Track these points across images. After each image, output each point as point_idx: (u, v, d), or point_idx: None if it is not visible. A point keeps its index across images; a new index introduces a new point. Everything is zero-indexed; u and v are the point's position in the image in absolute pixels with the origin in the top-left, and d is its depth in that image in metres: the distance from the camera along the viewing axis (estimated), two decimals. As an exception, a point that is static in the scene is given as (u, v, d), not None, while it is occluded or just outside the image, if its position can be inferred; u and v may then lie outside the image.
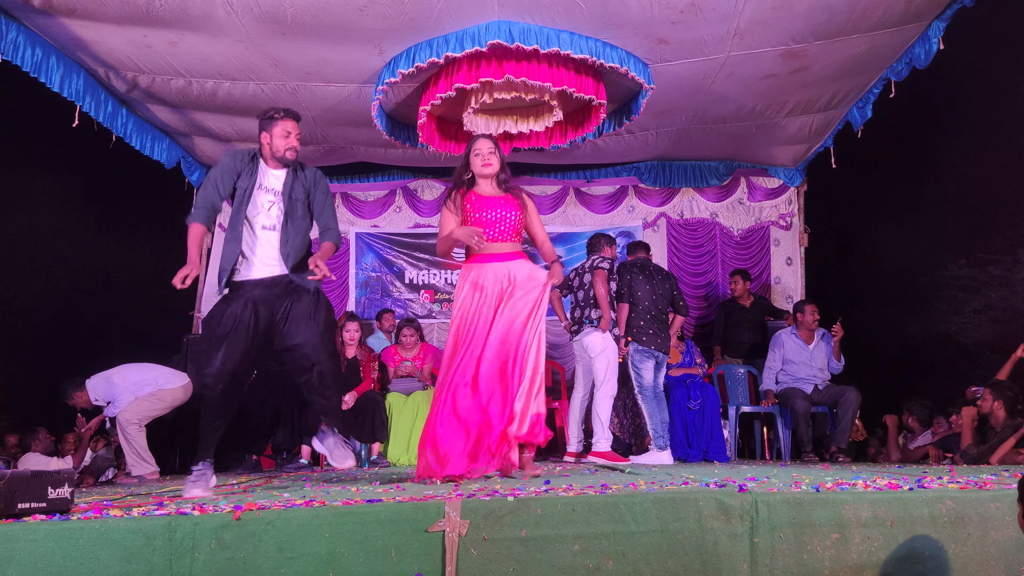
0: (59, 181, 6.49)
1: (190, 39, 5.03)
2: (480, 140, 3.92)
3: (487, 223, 3.76)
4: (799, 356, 6.11)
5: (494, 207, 3.79)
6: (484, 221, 3.76)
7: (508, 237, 3.80)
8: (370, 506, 2.45)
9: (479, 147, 3.88)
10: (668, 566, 2.37)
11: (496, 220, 3.77)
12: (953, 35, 4.94)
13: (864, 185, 7.41)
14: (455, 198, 3.87)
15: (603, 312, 5.39)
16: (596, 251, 5.70)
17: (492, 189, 3.87)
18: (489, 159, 3.84)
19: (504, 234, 3.78)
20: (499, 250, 3.78)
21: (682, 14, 4.82)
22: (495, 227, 3.76)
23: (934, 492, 2.55)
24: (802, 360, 6.10)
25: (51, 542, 2.28)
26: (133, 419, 5.37)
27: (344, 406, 5.80)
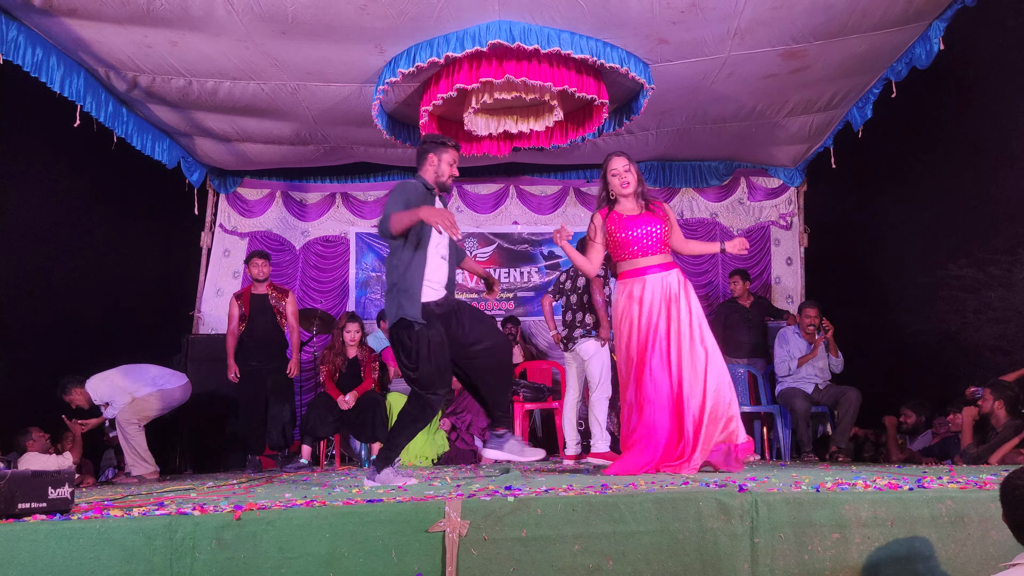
0: (59, 181, 6.48)
1: (190, 39, 5.03)
2: (614, 159, 3.96)
3: (635, 241, 3.86)
4: (801, 354, 6.12)
5: (638, 225, 3.88)
6: (632, 239, 3.86)
7: (658, 250, 3.88)
8: (370, 506, 2.45)
9: (615, 166, 3.95)
10: (668, 566, 2.38)
11: (643, 236, 3.87)
12: (953, 35, 4.94)
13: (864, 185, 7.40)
14: (596, 222, 3.98)
15: (600, 320, 5.37)
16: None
17: (633, 207, 3.94)
18: (626, 177, 3.91)
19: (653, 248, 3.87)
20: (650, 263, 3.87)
21: (683, 14, 4.82)
22: (642, 242, 3.86)
23: (934, 492, 2.55)
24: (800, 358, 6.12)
25: (51, 542, 2.28)
26: (133, 419, 5.38)
27: (344, 406, 5.81)
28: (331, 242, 8.22)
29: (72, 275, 6.55)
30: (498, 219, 8.26)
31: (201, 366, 6.57)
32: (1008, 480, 2.03)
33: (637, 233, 3.86)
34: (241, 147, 6.98)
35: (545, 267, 8.15)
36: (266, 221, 8.16)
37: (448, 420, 6.24)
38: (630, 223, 3.88)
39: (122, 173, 6.74)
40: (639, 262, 3.86)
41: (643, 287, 3.82)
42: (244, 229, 8.11)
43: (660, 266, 3.85)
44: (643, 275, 3.84)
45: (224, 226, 8.07)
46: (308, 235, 8.23)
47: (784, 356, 6.18)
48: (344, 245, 8.22)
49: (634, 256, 3.87)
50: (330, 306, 7.90)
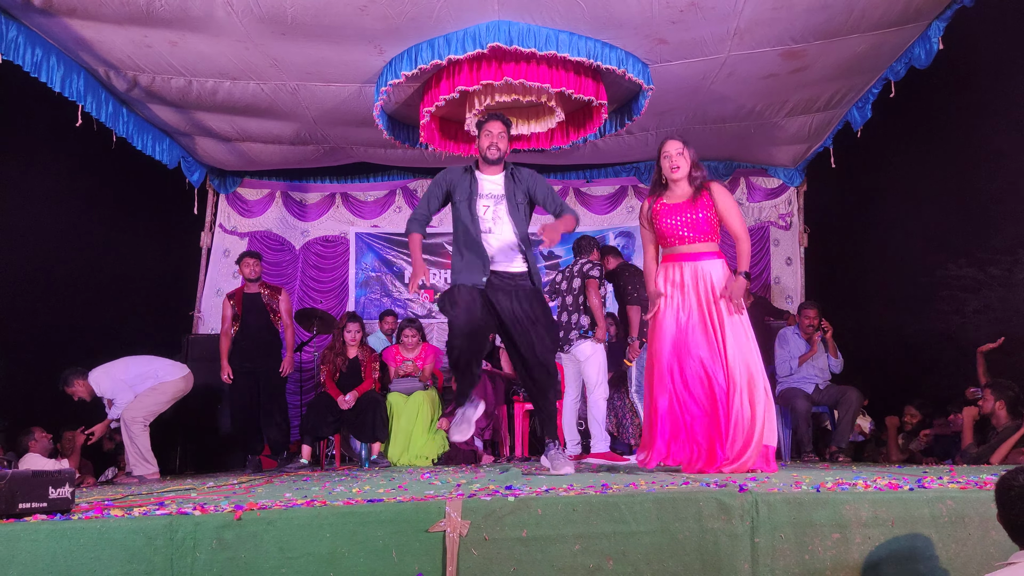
0: (60, 181, 6.48)
1: (190, 39, 5.03)
2: (668, 142, 3.84)
3: (675, 228, 3.78)
4: (801, 354, 6.13)
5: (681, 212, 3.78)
6: (672, 227, 3.79)
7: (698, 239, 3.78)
8: (371, 506, 2.45)
9: (667, 149, 3.83)
10: (669, 566, 2.37)
11: (684, 224, 3.77)
12: (953, 35, 4.94)
13: (864, 185, 7.41)
14: (643, 210, 3.91)
15: (598, 322, 5.36)
16: (584, 254, 5.66)
17: (684, 193, 3.82)
18: (677, 161, 3.79)
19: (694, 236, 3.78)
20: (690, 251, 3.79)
21: (682, 14, 4.82)
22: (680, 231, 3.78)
23: (934, 492, 2.55)
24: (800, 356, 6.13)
25: (52, 542, 2.28)
26: (139, 416, 5.36)
27: (344, 405, 5.81)
28: (331, 242, 8.22)
29: (72, 275, 6.55)
30: (498, 219, 8.24)
31: (201, 366, 6.56)
32: (1003, 480, 2.02)
33: (674, 221, 3.76)
34: (241, 147, 6.98)
35: (545, 267, 8.15)
36: (266, 221, 8.16)
37: (448, 420, 6.23)
38: (673, 210, 3.78)
39: (122, 173, 6.75)
40: (676, 248, 3.79)
41: (680, 273, 3.76)
42: (244, 229, 8.11)
43: (698, 255, 3.76)
44: (680, 261, 3.77)
45: (224, 226, 8.07)
46: (308, 235, 8.23)
47: (784, 356, 6.19)
48: (344, 245, 8.23)
49: (672, 244, 3.80)
50: (330, 306, 7.90)
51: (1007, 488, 1.99)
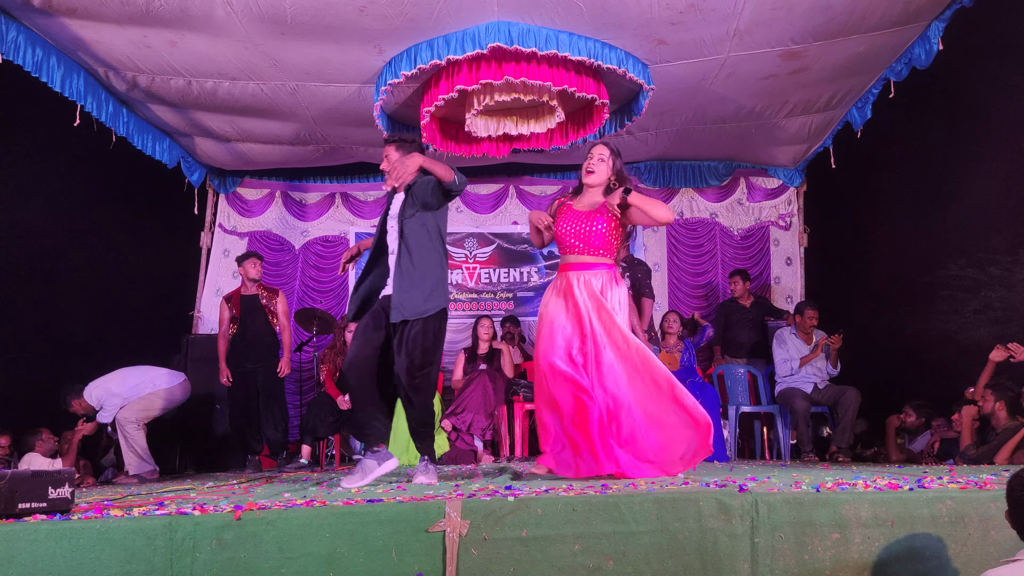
0: (59, 181, 6.48)
1: (190, 39, 5.03)
2: (597, 144, 3.81)
3: (568, 237, 3.73)
4: (800, 355, 6.13)
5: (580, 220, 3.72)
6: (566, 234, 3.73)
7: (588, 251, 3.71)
8: (370, 506, 2.45)
9: (591, 150, 3.78)
10: (668, 566, 2.38)
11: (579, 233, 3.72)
12: (953, 35, 4.94)
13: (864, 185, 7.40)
14: (552, 207, 3.86)
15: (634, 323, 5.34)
16: None
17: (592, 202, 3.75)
18: (590, 165, 3.73)
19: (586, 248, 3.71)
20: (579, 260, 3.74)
21: (682, 15, 4.82)
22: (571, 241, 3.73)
23: (934, 492, 2.55)
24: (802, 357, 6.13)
25: (52, 542, 2.28)
26: (132, 418, 5.38)
27: (344, 406, 5.81)
28: (331, 242, 8.22)
29: (72, 275, 6.55)
30: (498, 219, 8.26)
31: (201, 366, 6.57)
32: (1015, 479, 2.02)
33: (573, 229, 3.68)
34: (241, 147, 6.99)
35: (545, 267, 8.15)
36: (266, 221, 8.16)
37: (449, 420, 6.23)
38: (574, 218, 3.70)
39: (122, 173, 6.75)
40: (568, 258, 3.72)
41: (567, 282, 3.67)
42: (244, 229, 8.11)
43: (587, 265, 3.67)
44: (568, 271, 3.70)
45: (224, 226, 8.07)
46: (308, 235, 8.23)
47: (784, 357, 6.19)
48: (344, 245, 8.22)
49: (564, 252, 3.73)
50: (330, 306, 7.90)
51: (1016, 487, 2.00)
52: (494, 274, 8.13)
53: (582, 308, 3.59)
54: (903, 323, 6.93)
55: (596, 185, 3.74)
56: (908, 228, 6.95)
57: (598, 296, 3.61)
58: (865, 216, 7.43)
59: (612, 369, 3.51)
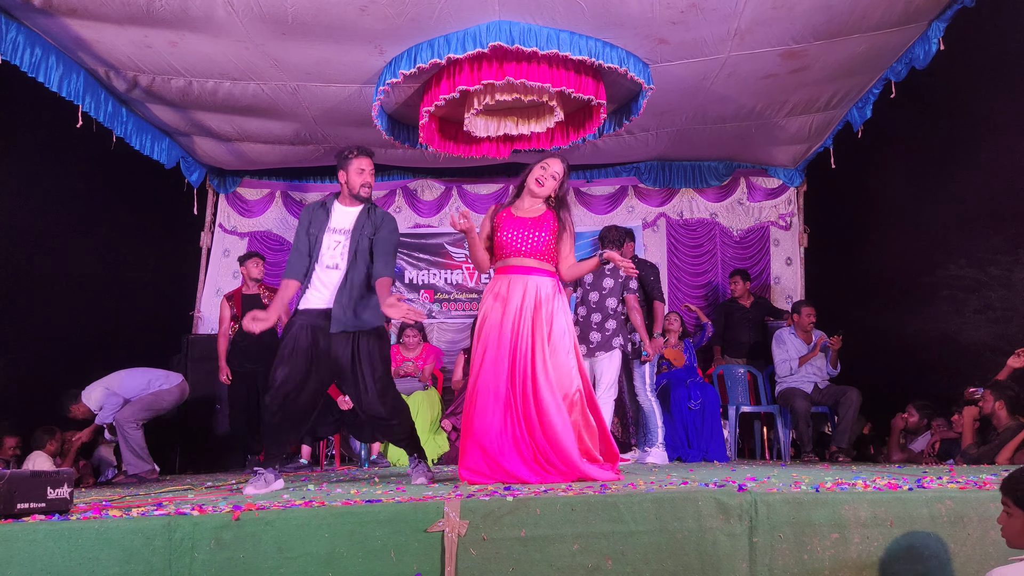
0: (59, 181, 6.47)
1: (190, 39, 5.03)
2: (554, 160, 3.79)
3: (511, 243, 3.74)
4: (799, 354, 6.13)
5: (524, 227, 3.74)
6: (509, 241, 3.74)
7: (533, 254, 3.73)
8: (369, 506, 2.45)
9: (547, 164, 3.77)
10: (667, 566, 2.38)
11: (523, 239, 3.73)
12: (953, 35, 4.93)
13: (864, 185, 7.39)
14: (488, 214, 3.86)
15: (645, 340, 5.34)
16: (613, 247, 5.55)
17: (533, 211, 3.79)
18: (547, 182, 3.74)
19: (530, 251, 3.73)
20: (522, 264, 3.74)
21: (682, 14, 4.82)
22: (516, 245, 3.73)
23: (934, 492, 2.55)
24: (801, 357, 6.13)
25: (50, 542, 2.28)
26: (131, 418, 5.39)
27: (344, 406, 5.80)
28: (331, 242, 8.21)
29: (72, 275, 6.55)
30: (498, 219, 8.25)
31: (201, 366, 6.57)
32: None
33: (517, 235, 3.70)
34: (241, 147, 6.99)
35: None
36: (266, 221, 8.16)
37: (448, 421, 6.24)
38: (516, 224, 3.72)
39: (122, 173, 6.74)
40: (510, 261, 3.71)
41: (508, 286, 3.66)
42: (244, 229, 8.11)
43: (533, 269, 3.69)
44: (511, 274, 3.69)
45: (224, 226, 8.08)
46: (308, 235, 8.22)
47: (784, 357, 6.18)
48: (344, 245, 8.21)
49: (507, 256, 3.72)
50: (330, 306, 7.89)
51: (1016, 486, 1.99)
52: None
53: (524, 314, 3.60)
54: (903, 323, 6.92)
55: (540, 197, 3.78)
56: (908, 228, 6.94)
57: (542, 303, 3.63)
58: (865, 216, 7.42)
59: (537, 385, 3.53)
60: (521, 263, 3.70)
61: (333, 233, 3.75)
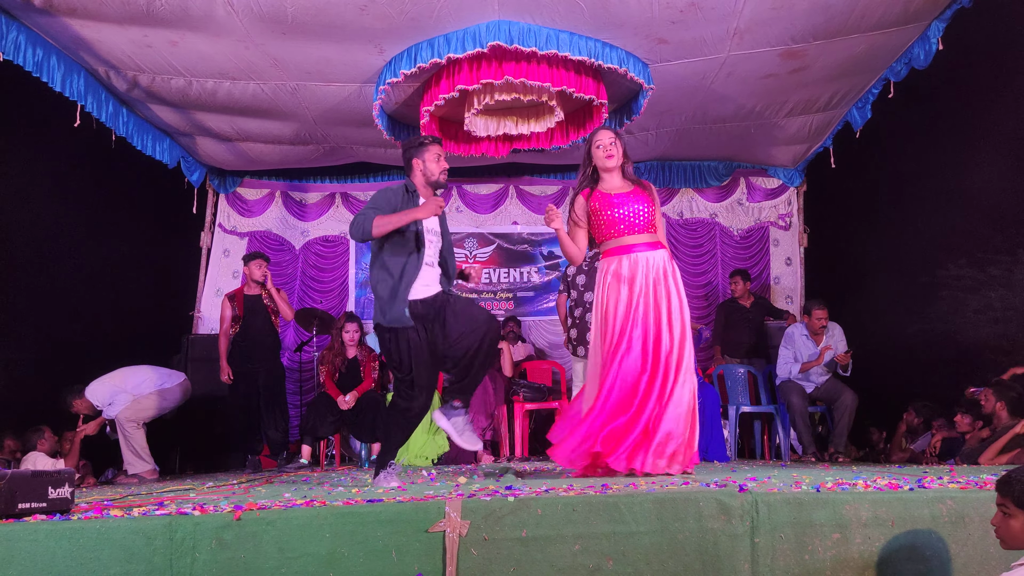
0: (59, 181, 6.47)
1: (190, 39, 5.03)
2: (601, 131, 3.77)
3: (621, 219, 3.65)
4: (807, 354, 6.07)
5: (624, 203, 3.67)
6: (618, 218, 3.65)
7: (645, 229, 3.67)
8: (371, 506, 2.45)
9: (600, 138, 3.74)
10: (668, 566, 2.37)
11: (631, 214, 3.65)
12: (952, 35, 4.94)
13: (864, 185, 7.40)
14: (578, 204, 3.77)
15: None
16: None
17: (619, 184, 3.73)
18: (611, 150, 3.70)
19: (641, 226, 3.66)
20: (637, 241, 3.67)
21: (682, 13, 4.82)
22: (629, 220, 3.66)
23: (935, 492, 2.55)
24: (811, 359, 6.10)
25: (51, 542, 2.28)
26: (132, 417, 5.38)
27: (344, 406, 5.81)
28: (331, 242, 8.23)
29: (72, 275, 6.54)
30: (498, 219, 8.27)
31: (201, 366, 6.57)
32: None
33: (624, 211, 3.62)
34: (241, 147, 6.98)
35: (545, 267, 8.16)
36: (266, 221, 8.16)
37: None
38: (616, 201, 3.65)
39: (122, 173, 6.74)
40: (624, 239, 3.64)
41: (630, 264, 3.60)
42: (244, 229, 8.11)
43: (648, 244, 3.64)
44: (629, 252, 3.62)
45: (224, 226, 8.08)
46: (308, 235, 8.23)
47: (788, 357, 6.12)
48: (344, 245, 8.23)
49: (619, 235, 3.65)
50: (330, 306, 7.90)
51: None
52: (494, 274, 8.13)
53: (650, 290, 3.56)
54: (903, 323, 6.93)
55: (614, 168, 3.73)
56: (908, 228, 6.95)
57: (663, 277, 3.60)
58: (865, 216, 7.43)
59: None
60: (636, 240, 3.65)
61: (428, 232, 3.71)
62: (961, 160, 6.49)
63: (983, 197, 6.34)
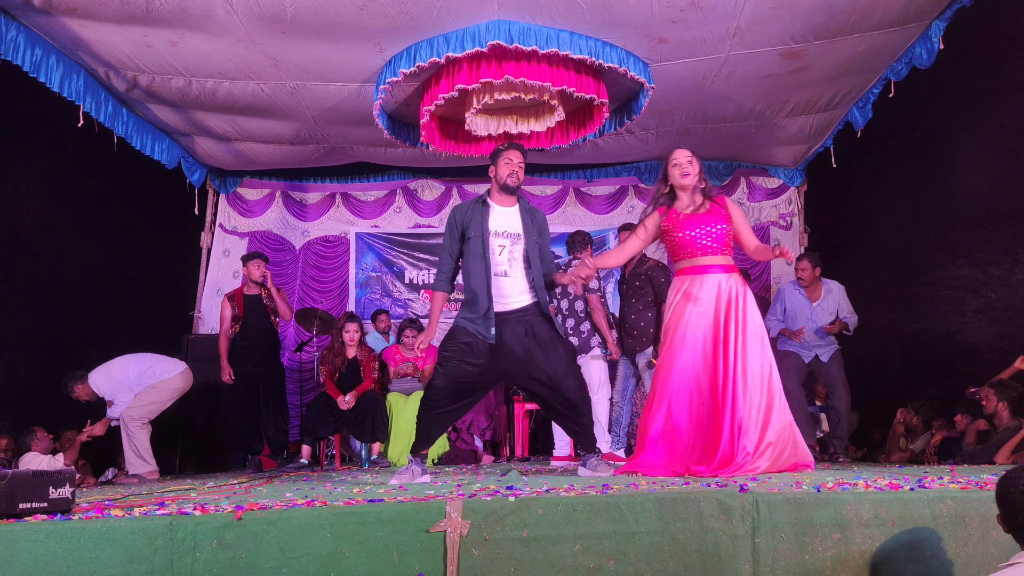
0: (60, 181, 6.47)
1: (190, 38, 5.03)
2: (677, 150, 3.82)
3: (693, 241, 3.72)
4: (801, 313, 5.87)
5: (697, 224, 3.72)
6: (691, 240, 3.72)
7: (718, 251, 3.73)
8: (371, 506, 2.45)
9: (677, 157, 3.79)
10: (669, 566, 2.37)
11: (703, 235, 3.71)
12: (953, 35, 4.93)
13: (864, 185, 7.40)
14: (653, 218, 3.84)
15: (607, 338, 5.37)
16: (579, 250, 5.63)
17: (692, 203, 3.77)
18: (688, 168, 3.75)
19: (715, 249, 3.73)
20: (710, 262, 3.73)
21: (682, 13, 4.82)
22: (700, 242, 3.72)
23: (935, 492, 2.55)
24: (804, 317, 5.86)
25: (52, 542, 2.28)
26: (136, 416, 5.37)
27: (344, 406, 5.81)
28: (331, 242, 8.23)
29: (72, 275, 6.54)
30: (498, 219, 8.25)
31: (201, 366, 6.56)
32: (1005, 481, 2.01)
33: (696, 232, 3.70)
34: (241, 147, 6.98)
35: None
36: (266, 221, 8.17)
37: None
38: (689, 222, 3.72)
39: (122, 173, 6.74)
40: (698, 260, 3.72)
41: (701, 285, 3.68)
42: (244, 229, 8.12)
43: (720, 267, 3.71)
44: (702, 274, 3.70)
45: (224, 226, 8.08)
46: (308, 235, 8.24)
47: (771, 318, 5.87)
48: (344, 245, 8.23)
49: (693, 255, 3.73)
50: (330, 306, 7.90)
51: (1009, 490, 1.99)
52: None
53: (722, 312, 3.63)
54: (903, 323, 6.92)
55: (690, 187, 3.77)
56: (908, 228, 6.95)
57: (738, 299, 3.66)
58: (865, 216, 7.43)
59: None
60: (709, 261, 3.72)
61: (496, 237, 3.79)
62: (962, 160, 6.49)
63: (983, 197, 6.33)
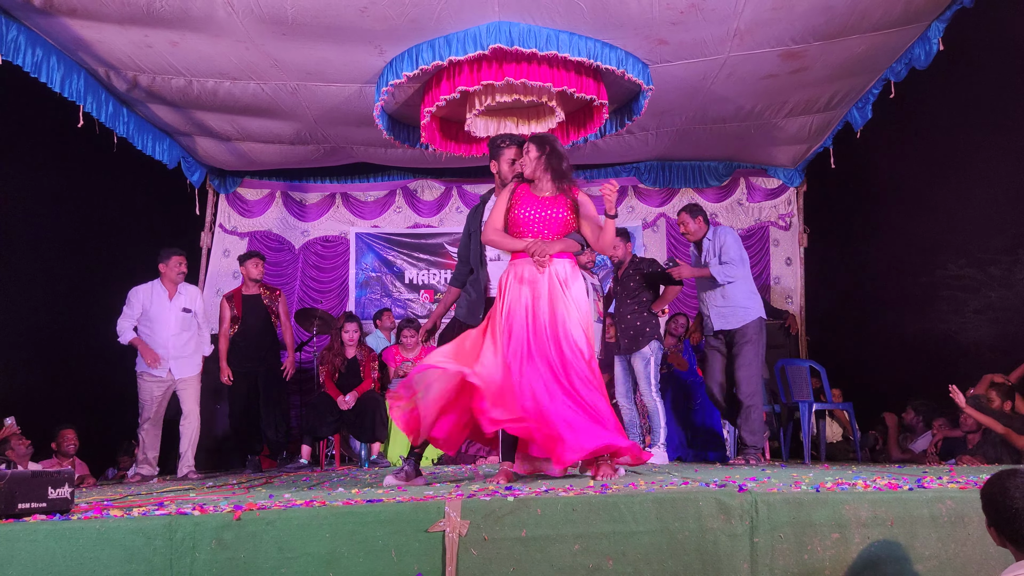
0: (60, 181, 6.49)
1: (191, 39, 5.03)
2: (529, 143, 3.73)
3: (525, 221, 3.61)
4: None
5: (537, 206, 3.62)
6: (523, 219, 3.61)
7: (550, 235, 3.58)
8: (370, 506, 2.45)
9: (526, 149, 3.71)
10: (668, 566, 2.37)
11: (537, 219, 3.60)
12: (953, 36, 4.94)
13: (864, 185, 7.41)
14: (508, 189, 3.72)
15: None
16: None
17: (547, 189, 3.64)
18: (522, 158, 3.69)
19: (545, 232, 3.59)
20: None
21: (682, 15, 4.82)
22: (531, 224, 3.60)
23: (934, 492, 2.55)
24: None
25: (51, 542, 2.28)
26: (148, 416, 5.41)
27: (344, 406, 5.81)
28: (331, 242, 8.23)
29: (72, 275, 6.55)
30: (498, 219, 8.25)
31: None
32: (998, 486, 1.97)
33: (530, 214, 3.56)
34: (241, 147, 6.99)
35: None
36: (266, 221, 8.17)
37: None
38: (530, 202, 3.59)
39: (123, 173, 6.75)
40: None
41: (523, 269, 3.52)
42: (244, 229, 8.12)
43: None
44: (527, 257, 3.53)
45: (224, 226, 8.08)
46: (308, 235, 8.24)
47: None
48: (344, 245, 8.23)
49: (523, 236, 3.57)
50: (330, 306, 7.90)
51: (1011, 497, 1.93)
52: (494, 274, 8.13)
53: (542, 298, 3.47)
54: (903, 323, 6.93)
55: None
56: (908, 228, 6.95)
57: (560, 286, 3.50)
58: (865, 216, 7.43)
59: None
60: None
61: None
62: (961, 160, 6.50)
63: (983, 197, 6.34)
